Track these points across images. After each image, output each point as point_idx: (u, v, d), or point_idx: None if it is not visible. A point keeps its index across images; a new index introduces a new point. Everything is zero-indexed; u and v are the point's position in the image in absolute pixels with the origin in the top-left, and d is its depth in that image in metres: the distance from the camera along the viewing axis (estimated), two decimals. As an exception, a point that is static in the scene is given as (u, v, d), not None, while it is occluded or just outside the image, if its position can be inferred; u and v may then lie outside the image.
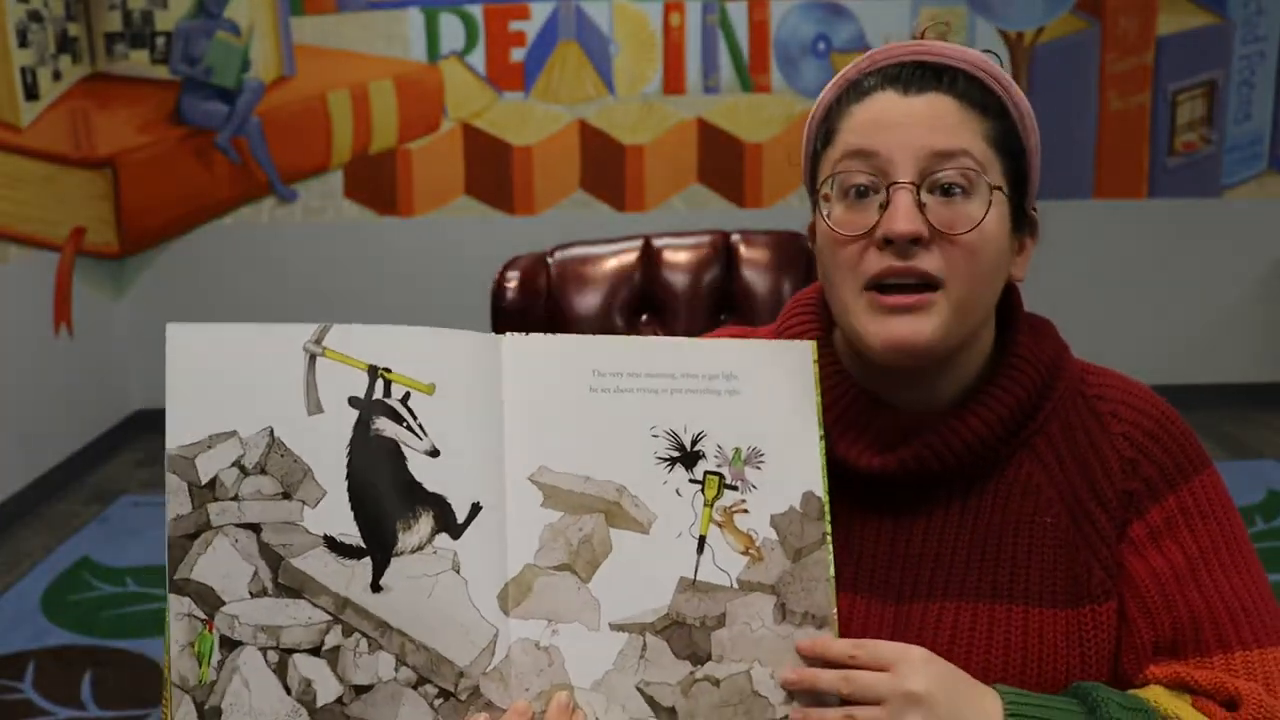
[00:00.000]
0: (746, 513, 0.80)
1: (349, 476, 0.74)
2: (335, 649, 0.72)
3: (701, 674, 0.77)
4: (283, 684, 0.72)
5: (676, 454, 0.80)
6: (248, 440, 0.73)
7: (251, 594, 0.72)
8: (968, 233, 0.79)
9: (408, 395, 0.76)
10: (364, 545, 0.74)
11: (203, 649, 0.72)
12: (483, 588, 0.74)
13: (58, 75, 3.92)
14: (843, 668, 0.76)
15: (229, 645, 0.72)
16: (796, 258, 1.44)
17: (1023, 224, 0.86)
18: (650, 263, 1.45)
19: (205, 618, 0.72)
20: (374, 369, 0.76)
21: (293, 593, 0.73)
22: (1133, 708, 0.77)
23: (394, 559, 0.74)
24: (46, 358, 3.79)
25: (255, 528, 0.73)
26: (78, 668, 2.59)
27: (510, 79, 4.22)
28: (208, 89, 4.18)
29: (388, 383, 0.76)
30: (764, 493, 0.81)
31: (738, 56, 4.20)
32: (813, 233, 0.89)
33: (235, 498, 0.73)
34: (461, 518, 0.75)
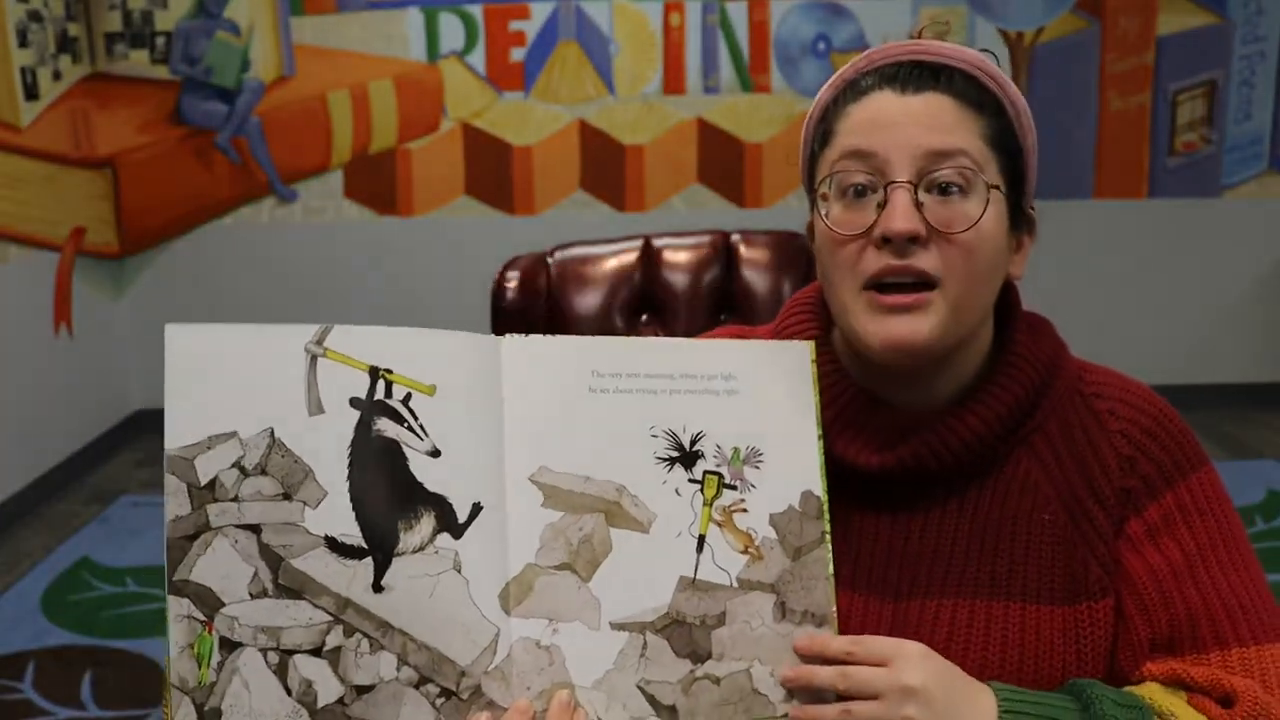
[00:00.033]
0: (746, 512, 0.81)
1: (350, 477, 0.74)
2: (336, 649, 0.72)
3: (702, 672, 0.77)
4: (283, 685, 0.72)
5: (676, 454, 0.81)
6: (248, 441, 0.73)
7: (251, 595, 0.72)
8: (965, 231, 0.80)
9: (409, 396, 0.76)
10: (365, 545, 0.74)
11: (202, 650, 0.72)
12: (484, 587, 0.74)
13: (58, 75, 3.92)
14: (841, 664, 0.76)
15: (229, 646, 0.72)
16: (796, 258, 1.44)
17: (1020, 222, 0.87)
18: (650, 263, 1.45)
19: (205, 619, 0.72)
20: (375, 370, 0.76)
21: (293, 593, 0.73)
22: (1127, 704, 0.77)
23: (395, 559, 0.74)
24: (46, 358, 3.79)
25: (255, 529, 0.73)
26: (78, 668, 2.59)
27: (510, 79, 4.22)
28: (208, 89, 4.18)
29: (389, 384, 0.76)
30: (763, 492, 0.81)
31: (738, 56, 4.20)
32: (811, 231, 0.90)
33: (235, 499, 0.73)
34: (463, 518, 0.75)
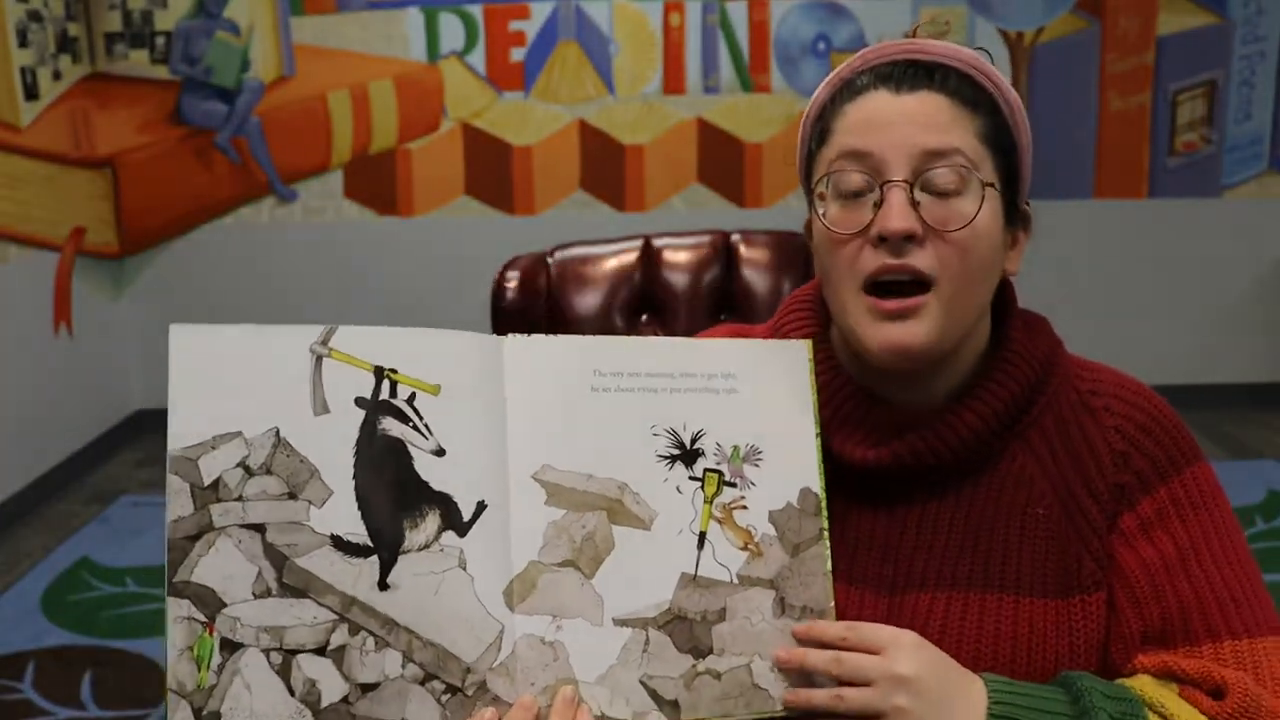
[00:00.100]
0: (745, 509, 0.81)
1: (355, 476, 0.75)
2: (341, 648, 0.73)
3: (703, 667, 0.78)
4: (286, 685, 0.72)
5: (676, 452, 0.81)
6: (253, 441, 0.74)
7: (255, 595, 0.72)
8: (961, 229, 0.80)
9: (413, 396, 0.76)
10: (371, 544, 0.74)
11: (202, 652, 0.71)
12: (488, 584, 0.75)
13: (58, 75, 3.92)
14: (836, 650, 0.77)
15: (230, 648, 0.72)
16: (796, 257, 1.45)
17: (1015, 219, 0.87)
18: (650, 263, 1.45)
19: (205, 620, 0.72)
20: (380, 370, 0.76)
21: (297, 592, 0.73)
22: (1117, 696, 0.78)
23: (401, 557, 0.74)
24: (46, 358, 3.79)
25: (260, 528, 0.73)
26: (77, 668, 2.59)
27: (510, 79, 4.22)
28: (207, 89, 4.18)
29: (394, 383, 0.76)
30: (762, 489, 0.82)
31: (738, 56, 4.21)
32: (809, 230, 0.91)
33: (240, 498, 0.73)
34: (467, 516, 0.76)
